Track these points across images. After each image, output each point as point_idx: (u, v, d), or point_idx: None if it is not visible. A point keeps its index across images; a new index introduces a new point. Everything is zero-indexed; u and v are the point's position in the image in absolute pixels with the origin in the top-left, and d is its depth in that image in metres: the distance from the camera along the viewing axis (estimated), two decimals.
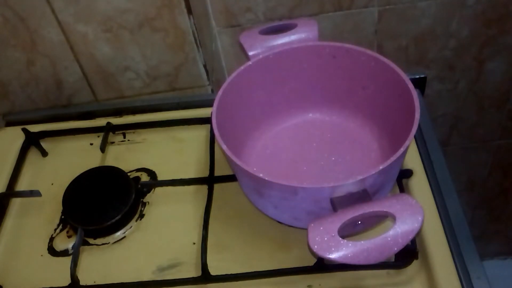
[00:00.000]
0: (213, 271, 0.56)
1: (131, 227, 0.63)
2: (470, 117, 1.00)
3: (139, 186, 0.66)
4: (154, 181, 0.67)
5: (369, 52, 0.60)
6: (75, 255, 0.58)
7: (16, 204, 0.67)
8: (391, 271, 0.55)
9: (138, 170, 0.69)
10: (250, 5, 0.78)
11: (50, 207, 0.66)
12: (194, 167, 0.68)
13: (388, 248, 0.45)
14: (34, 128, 0.74)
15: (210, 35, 0.79)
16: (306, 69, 0.64)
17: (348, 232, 0.50)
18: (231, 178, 0.64)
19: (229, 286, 0.56)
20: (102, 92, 0.76)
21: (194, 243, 0.60)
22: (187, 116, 0.73)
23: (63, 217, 0.65)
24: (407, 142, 0.50)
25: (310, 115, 0.69)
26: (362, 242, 0.45)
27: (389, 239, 0.45)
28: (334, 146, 0.65)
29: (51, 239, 0.63)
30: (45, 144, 0.73)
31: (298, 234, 0.58)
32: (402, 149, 0.50)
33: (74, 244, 0.60)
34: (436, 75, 0.91)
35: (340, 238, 0.45)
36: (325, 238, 0.45)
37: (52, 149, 0.73)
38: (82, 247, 0.61)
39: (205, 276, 0.56)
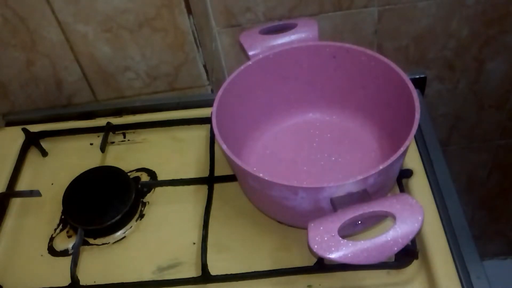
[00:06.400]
0: (213, 271, 0.56)
1: (131, 227, 0.63)
2: (470, 117, 1.00)
3: (139, 186, 0.66)
4: (154, 181, 0.67)
5: (369, 52, 0.60)
6: (75, 255, 0.58)
7: (16, 204, 0.67)
8: (391, 271, 0.55)
9: (138, 170, 0.69)
10: (250, 5, 0.78)
11: (50, 207, 0.66)
12: (194, 167, 0.68)
13: (388, 248, 0.45)
14: (34, 128, 0.74)
15: (210, 35, 0.79)
16: (306, 69, 0.64)
17: (348, 232, 0.50)
18: (231, 178, 0.64)
19: (229, 286, 0.56)
20: (102, 92, 0.76)
21: (194, 243, 0.60)
22: (187, 116, 0.73)
23: (63, 217, 0.65)
24: (407, 142, 0.50)
25: (310, 115, 0.69)
26: (362, 242, 0.45)
27: (389, 239, 0.45)
28: (334, 146, 0.65)
29: (51, 239, 0.63)
30: (45, 144, 0.73)
31: (298, 234, 0.58)
32: (402, 149, 0.50)
33: (74, 244, 0.60)
34: (436, 75, 0.91)
35: (340, 238, 0.45)
36: (325, 238, 0.45)
37: (52, 149, 0.73)
38: (82, 247, 0.61)
39: (205, 276, 0.56)
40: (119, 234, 0.62)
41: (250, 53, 0.62)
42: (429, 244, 0.56)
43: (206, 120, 0.70)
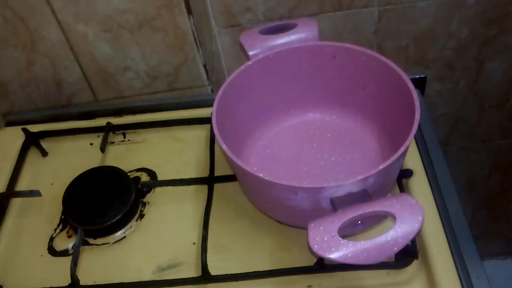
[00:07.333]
0: (213, 271, 0.56)
1: (131, 227, 0.63)
2: (470, 117, 1.00)
3: (139, 186, 0.66)
4: (154, 181, 0.67)
5: (369, 52, 0.60)
6: (75, 255, 0.58)
7: (16, 204, 0.67)
8: (391, 271, 0.55)
9: (138, 170, 0.69)
10: (250, 5, 0.78)
11: (50, 207, 0.66)
12: (194, 167, 0.68)
13: (388, 248, 0.45)
14: (34, 128, 0.74)
15: (210, 35, 0.79)
16: (306, 69, 0.64)
17: (348, 232, 0.50)
18: (231, 178, 0.64)
19: (229, 286, 0.56)
20: (102, 92, 0.76)
21: (194, 243, 0.60)
22: (187, 116, 0.73)
23: (63, 217, 0.65)
24: (407, 142, 0.50)
25: (310, 115, 0.69)
26: (362, 242, 0.45)
27: (389, 239, 0.45)
28: (334, 146, 0.65)
29: (51, 239, 0.63)
30: (45, 144, 0.73)
31: (298, 234, 0.58)
32: (402, 149, 0.50)
33: (74, 244, 0.60)
34: (436, 75, 0.91)
35: (340, 238, 0.45)
36: (325, 238, 0.45)
37: (52, 149, 0.73)
38: (82, 247, 0.61)
39: (205, 276, 0.56)
40: (119, 234, 0.62)
41: (250, 53, 0.62)
42: (429, 244, 0.56)
43: (206, 120, 0.70)
